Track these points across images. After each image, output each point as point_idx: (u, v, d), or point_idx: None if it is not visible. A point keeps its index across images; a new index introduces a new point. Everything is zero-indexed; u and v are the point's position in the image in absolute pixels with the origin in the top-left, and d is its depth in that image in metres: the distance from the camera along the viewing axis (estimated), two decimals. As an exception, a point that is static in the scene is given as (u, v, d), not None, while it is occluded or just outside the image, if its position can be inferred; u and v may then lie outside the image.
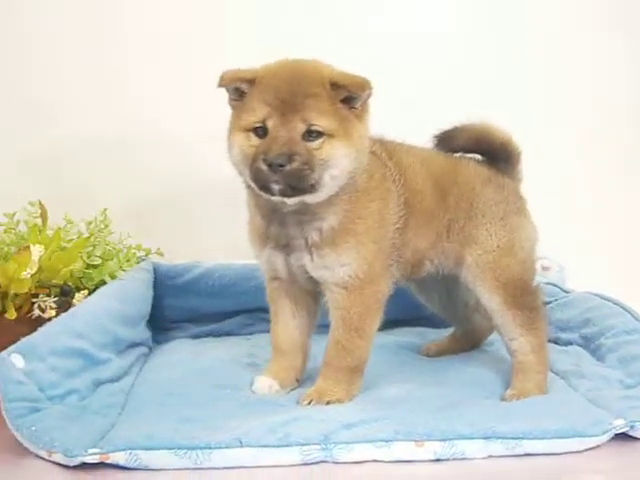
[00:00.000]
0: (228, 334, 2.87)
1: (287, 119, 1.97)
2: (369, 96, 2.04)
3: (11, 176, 3.03)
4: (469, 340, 2.64)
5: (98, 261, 2.69)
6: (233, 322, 2.88)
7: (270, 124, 1.98)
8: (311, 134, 1.98)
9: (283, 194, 1.99)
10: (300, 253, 2.13)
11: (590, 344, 2.42)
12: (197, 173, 3.00)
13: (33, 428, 1.82)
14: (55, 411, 1.92)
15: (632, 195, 3.20)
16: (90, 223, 2.79)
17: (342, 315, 2.13)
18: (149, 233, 2.93)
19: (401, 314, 2.71)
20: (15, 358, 1.93)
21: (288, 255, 2.15)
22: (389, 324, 2.62)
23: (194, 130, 3.03)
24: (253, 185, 2.04)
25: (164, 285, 2.86)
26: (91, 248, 2.73)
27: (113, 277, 2.67)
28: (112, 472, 1.76)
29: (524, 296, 2.26)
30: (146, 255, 2.87)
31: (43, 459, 1.80)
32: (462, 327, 2.64)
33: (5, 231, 2.66)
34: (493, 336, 2.59)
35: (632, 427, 1.85)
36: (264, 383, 2.25)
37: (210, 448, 1.77)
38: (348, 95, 2.01)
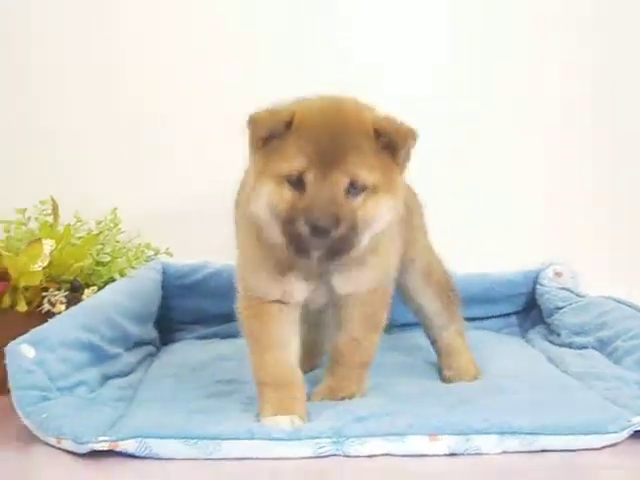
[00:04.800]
0: (235, 336, 2.82)
1: (329, 172, 1.77)
2: (413, 147, 1.87)
3: (22, 175, 3.00)
4: None
5: (107, 258, 2.68)
6: (241, 324, 2.85)
7: (309, 178, 1.78)
8: (353, 189, 1.80)
9: (321, 260, 1.83)
10: (328, 275, 1.97)
11: (606, 347, 2.37)
12: (208, 173, 2.98)
13: (44, 415, 1.82)
14: (65, 401, 1.91)
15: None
16: (100, 222, 2.78)
17: (365, 312, 2.06)
18: (158, 233, 2.90)
19: (411, 318, 2.70)
20: (25, 348, 1.91)
21: (317, 279, 1.96)
22: (398, 327, 2.68)
23: (207, 130, 3.02)
24: (283, 244, 1.83)
25: (172, 285, 2.86)
26: (100, 246, 2.71)
27: (122, 274, 2.66)
28: (121, 461, 1.74)
29: None
30: (155, 254, 2.86)
31: (52, 447, 1.79)
32: None
33: (16, 227, 2.64)
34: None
35: (652, 424, 1.82)
36: (283, 420, 1.85)
37: (221, 439, 1.76)
38: (391, 144, 1.85)
